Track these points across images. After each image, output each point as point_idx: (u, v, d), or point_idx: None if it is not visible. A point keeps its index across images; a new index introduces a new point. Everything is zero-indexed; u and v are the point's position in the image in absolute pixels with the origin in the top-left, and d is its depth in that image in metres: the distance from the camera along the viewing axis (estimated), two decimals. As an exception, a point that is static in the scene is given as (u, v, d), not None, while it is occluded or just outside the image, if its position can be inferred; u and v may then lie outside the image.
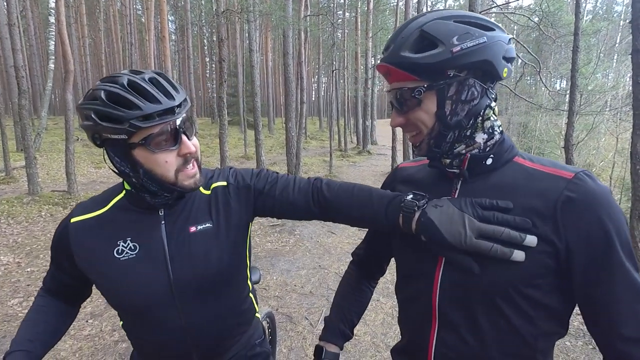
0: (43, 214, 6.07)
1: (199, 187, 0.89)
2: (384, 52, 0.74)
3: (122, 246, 0.86)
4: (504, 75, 0.70)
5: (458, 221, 0.68)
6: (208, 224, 0.91)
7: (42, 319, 0.95)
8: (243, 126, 17.01)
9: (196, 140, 0.85)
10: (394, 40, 0.71)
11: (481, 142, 0.73)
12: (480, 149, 0.73)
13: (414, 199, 0.76)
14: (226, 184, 0.96)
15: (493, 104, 0.73)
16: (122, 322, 0.98)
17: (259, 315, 1.16)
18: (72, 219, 0.90)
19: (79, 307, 1.06)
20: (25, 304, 3.34)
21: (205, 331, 0.93)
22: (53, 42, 11.61)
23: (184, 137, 0.80)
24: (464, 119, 0.71)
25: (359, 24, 18.20)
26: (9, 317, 3.10)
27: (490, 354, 0.71)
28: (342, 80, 20.55)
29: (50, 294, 0.99)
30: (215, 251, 0.90)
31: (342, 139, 18.18)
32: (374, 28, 18.57)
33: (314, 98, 42.76)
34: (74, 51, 15.01)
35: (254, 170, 1.01)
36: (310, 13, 14.03)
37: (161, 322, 0.89)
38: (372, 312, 3.23)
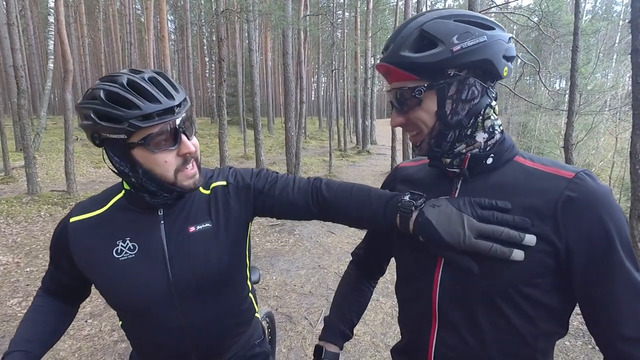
0: (42, 213, 6.06)
1: (199, 187, 0.89)
2: (383, 52, 0.73)
3: (121, 246, 0.86)
4: (504, 74, 0.70)
5: (456, 221, 0.67)
6: (207, 224, 0.91)
7: (41, 319, 0.95)
8: (242, 126, 17.01)
9: (196, 140, 0.85)
10: (394, 39, 0.71)
11: (482, 142, 0.73)
12: (481, 149, 0.73)
13: (412, 198, 0.75)
14: (226, 183, 0.96)
15: (493, 103, 0.73)
16: (121, 322, 0.98)
17: (258, 315, 1.16)
18: (71, 219, 0.89)
19: (78, 307, 1.06)
20: (24, 303, 3.33)
21: (204, 331, 0.93)
22: (52, 42, 11.59)
23: (183, 137, 0.80)
24: (465, 118, 0.71)
25: (359, 23, 18.19)
26: (8, 317, 3.09)
27: (490, 353, 0.70)
28: (341, 80, 20.52)
29: (49, 294, 0.99)
30: (214, 251, 0.90)
31: (342, 138, 18.17)
32: (373, 28, 18.57)
33: (313, 98, 42.68)
34: (73, 51, 14.96)
35: (253, 170, 1.01)
36: (309, 13, 14.00)
37: (160, 322, 0.89)
38: (371, 311, 3.22)
